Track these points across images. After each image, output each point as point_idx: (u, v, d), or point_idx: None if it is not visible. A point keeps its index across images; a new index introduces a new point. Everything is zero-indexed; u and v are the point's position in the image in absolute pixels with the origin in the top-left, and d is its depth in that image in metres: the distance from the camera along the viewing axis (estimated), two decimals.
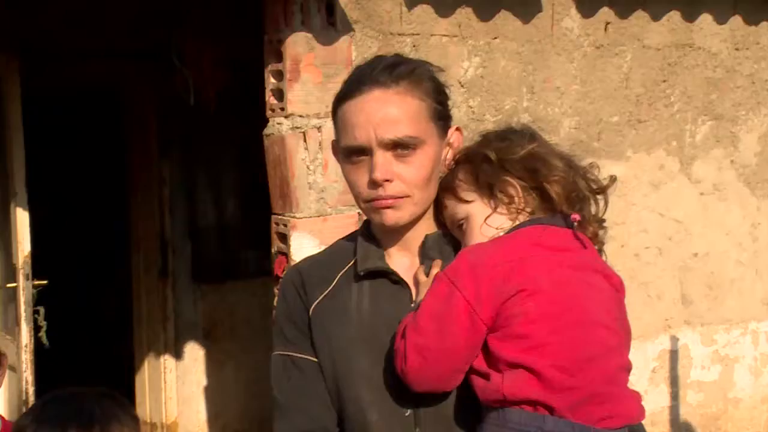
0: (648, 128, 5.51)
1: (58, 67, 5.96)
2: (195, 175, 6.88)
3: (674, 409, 5.63)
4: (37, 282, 5.22)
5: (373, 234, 2.11)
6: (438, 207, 2.09)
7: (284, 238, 4.43)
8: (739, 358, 5.94)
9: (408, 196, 1.98)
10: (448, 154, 2.07)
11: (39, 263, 5.31)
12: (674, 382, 5.61)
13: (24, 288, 5.13)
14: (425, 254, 2.05)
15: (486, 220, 1.99)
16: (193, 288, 6.95)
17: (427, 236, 2.07)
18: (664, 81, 5.58)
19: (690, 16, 5.61)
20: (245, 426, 7.02)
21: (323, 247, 4.35)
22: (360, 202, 2.04)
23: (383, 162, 1.94)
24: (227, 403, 6.99)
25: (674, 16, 5.55)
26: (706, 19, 5.68)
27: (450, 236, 2.09)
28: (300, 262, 2.27)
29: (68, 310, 5.91)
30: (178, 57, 6.25)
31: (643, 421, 2.00)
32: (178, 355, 6.91)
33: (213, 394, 6.99)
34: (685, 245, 5.62)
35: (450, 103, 2.10)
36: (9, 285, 5.23)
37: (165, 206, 6.82)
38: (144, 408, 6.82)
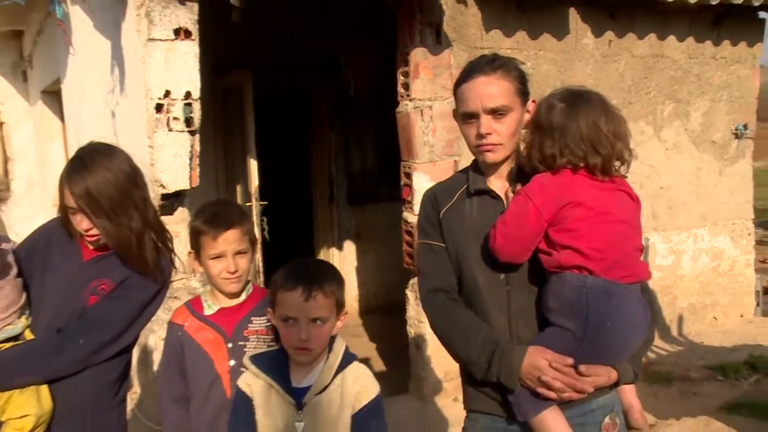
0: (634, 108, 5.39)
1: (270, 74, 6.01)
2: (349, 139, 6.92)
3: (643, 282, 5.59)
4: (262, 202, 5.35)
5: (478, 168, 2.06)
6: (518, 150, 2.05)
7: (408, 175, 4.44)
8: (685, 251, 5.83)
9: (501, 144, 1.93)
10: (526, 117, 2.00)
11: (264, 192, 5.44)
12: None
13: (255, 206, 5.27)
14: (512, 180, 2.00)
15: None
16: (348, 208, 7.03)
17: (512, 168, 2.02)
18: (645, 78, 5.45)
19: (661, 37, 5.48)
20: (379, 290, 7.12)
21: (433, 182, 4.37)
22: (471, 147, 2.00)
23: (486, 122, 1.91)
24: (368, 277, 7.10)
25: (652, 36, 5.43)
26: (671, 39, 5.54)
27: (527, 167, 2.05)
28: (433, 186, 2.22)
29: (279, 220, 6.02)
30: (343, 64, 6.30)
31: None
32: (339, 248, 7.03)
33: (360, 272, 7.10)
34: (655, 181, 5.51)
35: (528, 85, 2.02)
36: (247, 203, 5.36)
37: (331, 159, 6.89)
38: None
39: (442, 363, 4.51)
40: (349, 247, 7.06)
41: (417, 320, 4.54)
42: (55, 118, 7.19)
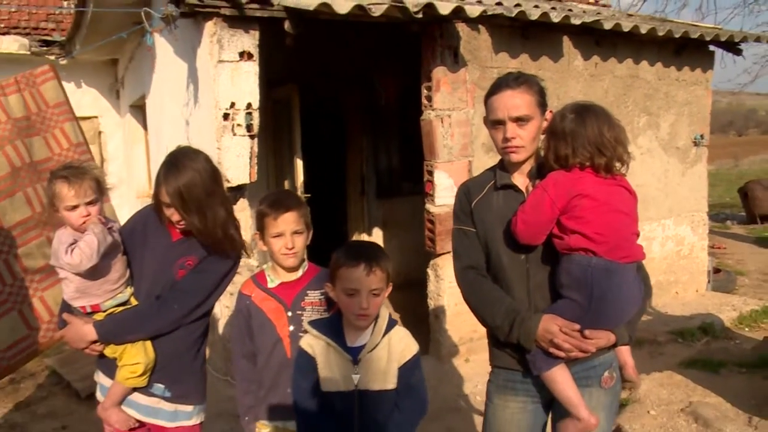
0: None
1: (314, 87, 5.96)
2: (378, 142, 6.80)
3: None
4: (305, 195, 5.24)
5: (504, 166, 2.01)
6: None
7: (431, 173, 4.35)
8: (655, 238, 5.74)
9: (523, 147, 1.89)
10: (544, 125, 1.94)
11: (307, 186, 5.38)
12: None
13: None
14: (532, 176, 1.96)
15: None
16: (377, 201, 6.90)
17: (532, 167, 1.97)
18: (624, 94, 5.35)
19: (637, 61, 5.38)
20: (401, 270, 6.85)
21: (451, 179, 4.28)
22: (498, 149, 1.95)
23: (511, 128, 1.87)
24: (393, 259, 6.85)
25: (629, 60, 5.33)
26: (644, 63, 5.44)
27: (545, 166, 1.98)
28: (466, 181, 2.16)
29: (319, 211, 5.96)
30: (375, 80, 6.24)
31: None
32: (369, 234, 6.94)
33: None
34: (632, 180, 5.26)
35: (546, 98, 1.97)
36: None
37: (363, 159, 6.76)
38: None
39: (456, 330, 4.46)
40: (377, 233, 6.97)
41: (436, 294, 4.48)
42: (140, 127, 7.29)
